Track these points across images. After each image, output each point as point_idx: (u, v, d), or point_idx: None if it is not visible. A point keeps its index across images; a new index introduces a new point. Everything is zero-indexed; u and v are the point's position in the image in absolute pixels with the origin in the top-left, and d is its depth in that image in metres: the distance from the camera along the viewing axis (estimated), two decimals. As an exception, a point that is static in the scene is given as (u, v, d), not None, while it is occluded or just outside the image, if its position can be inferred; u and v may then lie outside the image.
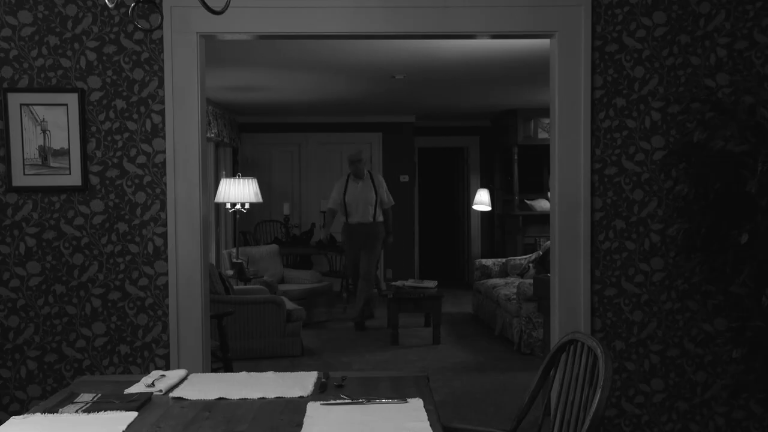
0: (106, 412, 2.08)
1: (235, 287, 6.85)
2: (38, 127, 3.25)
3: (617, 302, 3.34)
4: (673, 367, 3.35)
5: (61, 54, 3.24)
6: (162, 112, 3.27)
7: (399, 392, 2.29)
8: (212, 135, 8.27)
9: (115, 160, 3.29)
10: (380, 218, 7.84)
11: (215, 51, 5.41)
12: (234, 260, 7.75)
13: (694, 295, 3.33)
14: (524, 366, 6.04)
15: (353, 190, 7.77)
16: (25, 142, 3.25)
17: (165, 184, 3.28)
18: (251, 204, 7.95)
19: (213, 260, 8.21)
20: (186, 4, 3.19)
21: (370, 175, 7.88)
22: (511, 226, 9.93)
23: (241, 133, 10.21)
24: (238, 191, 7.60)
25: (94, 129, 3.28)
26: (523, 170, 9.80)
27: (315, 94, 8.12)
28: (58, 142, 3.25)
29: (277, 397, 2.26)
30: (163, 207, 3.29)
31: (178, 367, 3.24)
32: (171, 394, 2.30)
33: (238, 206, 7.78)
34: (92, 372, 3.31)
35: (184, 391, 2.32)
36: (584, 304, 3.32)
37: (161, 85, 3.26)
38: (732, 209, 2.94)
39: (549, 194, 3.64)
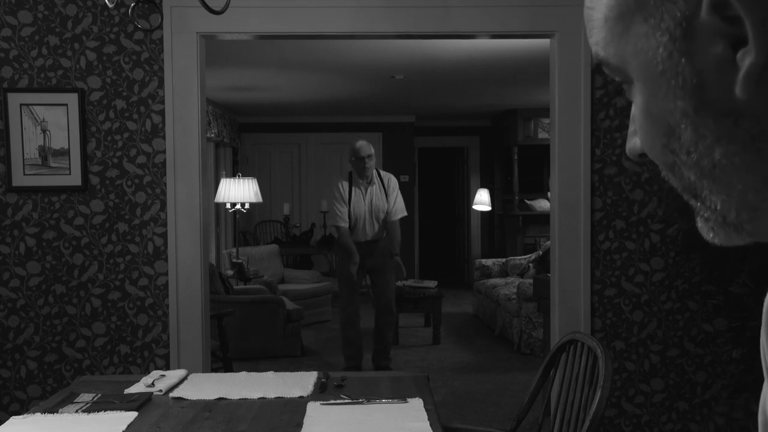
0: (106, 412, 2.08)
1: (235, 287, 6.85)
2: (38, 127, 3.25)
3: (617, 302, 3.34)
4: (673, 367, 3.35)
5: (61, 54, 3.24)
6: (162, 112, 3.27)
7: (399, 392, 2.29)
8: (212, 135, 8.27)
9: (115, 160, 3.28)
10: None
11: (215, 51, 5.41)
12: (234, 260, 7.75)
13: (694, 295, 3.33)
14: (524, 366, 6.04)
15: (359, 200, 5.63)
16: (25, 142, 3.25)
17: (165, 184, 3.28)
18: (251, 204, 7.95)
19: (213, 260, 8.21)
20: (186, 4, 3.19)
21: (378, 175, 5.77)
22: (511, 226, 9.93)
23: (241, 133, 10.21)
24: (238, 191, 7.61)
25: (94, 129, 3.28)
26: (523, 170, 9.80)
27: (315, 94, 8.12)
28: (58, 142, 3.25)
29: (277, 397, 2.26)
30: (163, 207, 3.29)
31: (178, 367, 3.24)
32: (171, 394, 2.30)
33: (238, 206, 7.78)
34: (92, 372, 3.30)
35: (184, 391, 2.32)
36: (584, 304, 3.32)
37: (161, 85, 3.26)
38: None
39: (549, 194, 3.64)
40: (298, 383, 2.40)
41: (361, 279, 5.81)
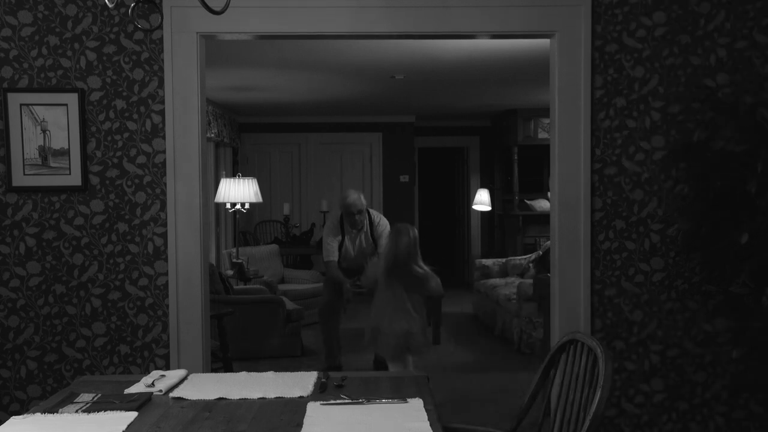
0: (106, 412, 2.08)
1: (235, 287, 6.85)
2: (38, 127, 3.25)
3: (617, 302, 3.34)
4: (673, 367, 3.35)
5: (61, 54, 3.24)
6: (162, 112, 3.27)
7: (399, 392, 2.29)
8: (212, 135, 8.26)
9: (115, 160, 3.29)
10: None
11: (215, 51, 5.41)
12: (234, 260, 7.75)
13: (694, 295, 3.33)
14: (524, 366, 6.04)
15: (348, 244, 5.98)
16: (25, 142, 3.25)
17: (165, 184, 3.28)
18: (251, 204, 7.95)
19: (213, 260, 8.21)
20: (186, 4, 3.19)
21: (368, 216, 5.97)
22: (511, 226, 9.93)
23: (241, 133, 10.21)
24: (238, 191, 7.60)
25: (94, 129, 3.28)
26: (523, 170, 9.80)
27: (315, 94, 8.12)
28: (58, 142, 3.25)
29: (277, 397, 2.26)
30: (163, 207, 3.29)
31: (178, 367, 3.24)
32: (171, 394, 2.31)
33: (238, 206, 7.78)
34: (92, 372, 3.31)
35: (184, 391, 2.33)
36: (584, 304, 3.32)
37: (161, 85, 3.26)
38: (732, 209, 2.94)
39: (549, 194, 3.64)
40: (298, 383, 2.40)
41: (340, 286, 6.00)
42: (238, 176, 7.87)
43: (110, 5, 2.12)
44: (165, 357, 3.32)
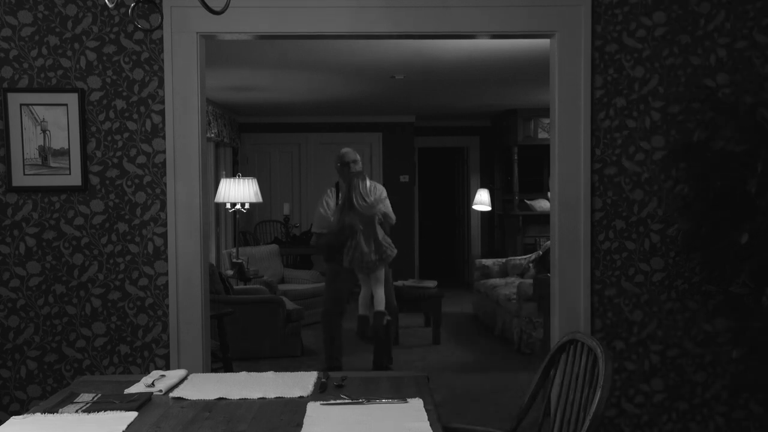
0: (106, 412, 2.08)
1: (235, 287, 6.85)
2: (38, 127, 3.25)
3: (617, 302, 3.34)
4: (673, 367, 3.35)
5: (61, 54, 3.24)
6: (162, 112, 3.27)
7: (399, 392, 2.29)
8: (212, 135, 8.26)
9: (115, 160, 3.29)
10: None
11: (215, 51, 5.41)
12: (234, 260, 7.74)
13: (694, 295, 3.33)
14: (524, 366, 6.04)
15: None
16: (25, 142, 3.25)
17: (165, 184, 3.28)
18: (251, 204, 7.95)
19: (213, 260, 8.21)
20: (186, 4, 3.19)
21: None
22: (511, 226, 9.93)
23: (241, 133, 10.21)
24: (238, 191, 7.60)
25: (94, 129, 3.28)
26: (523, 170, 9.80)
27: (315, 94, 8.12)
28: (58, 142, 3.25)
29: (277, 397, 2.26)
30: (163, 207, 3.29)
31: (178, 367, 3.24)
32: (171, 394, 2.31)
33: (238, 206, 7.78)
34: (92, 372, 3.31)
35: (184, 391, 2.33)
36: (584, 304, 3.32)
37: (161, 85, 3.26)
38: (732, 209, 2.94)
39: (549, 194, 3.64)
40: (298, 383, 2.40)
41: (350, 281, 5.82)
42: (238, 176, 7.87)
43: (110, 5, 2.12)
44: (165, 357, 3.32)
